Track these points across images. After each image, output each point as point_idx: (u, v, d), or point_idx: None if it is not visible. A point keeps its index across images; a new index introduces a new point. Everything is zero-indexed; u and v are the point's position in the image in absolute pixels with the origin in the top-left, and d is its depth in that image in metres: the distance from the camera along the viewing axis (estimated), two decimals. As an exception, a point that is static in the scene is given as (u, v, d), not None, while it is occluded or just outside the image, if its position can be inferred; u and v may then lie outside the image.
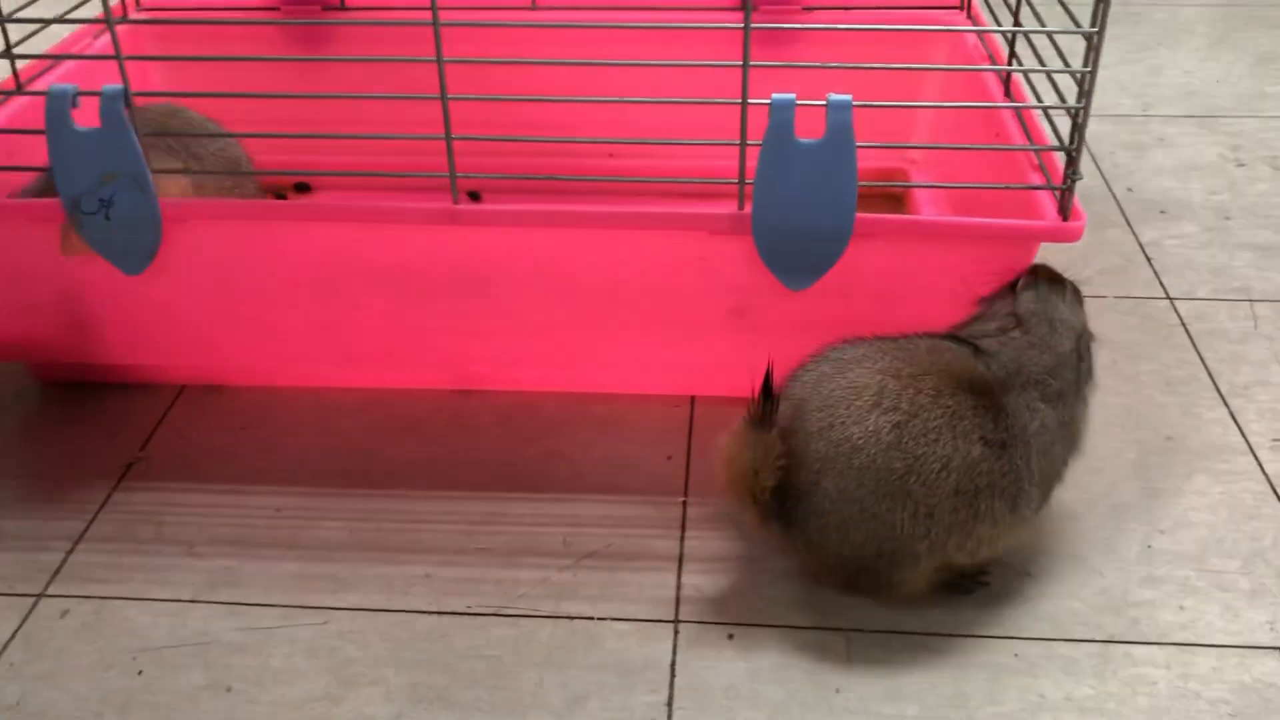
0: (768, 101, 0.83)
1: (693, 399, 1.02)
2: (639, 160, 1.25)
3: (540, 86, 1.14)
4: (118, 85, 0.86)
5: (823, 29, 1.18)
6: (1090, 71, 0.81)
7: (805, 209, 0.86)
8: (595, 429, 0.99)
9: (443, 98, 0.86)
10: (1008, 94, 1.07)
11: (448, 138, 0.87)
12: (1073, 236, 0.86)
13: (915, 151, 1.27)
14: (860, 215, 0.86)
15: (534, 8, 1.29)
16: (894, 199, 1.29)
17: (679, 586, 0.84)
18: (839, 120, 0.83)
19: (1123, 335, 1.10)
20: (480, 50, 1.19)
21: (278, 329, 0.98)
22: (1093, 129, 1.47)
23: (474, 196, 1.32)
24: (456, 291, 0.95)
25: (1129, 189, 1.34)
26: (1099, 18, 0.79)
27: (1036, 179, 0.92)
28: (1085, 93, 0.82)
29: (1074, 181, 0.85)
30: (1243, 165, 1.39)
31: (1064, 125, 0.90)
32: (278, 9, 1.31)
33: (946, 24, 1.23)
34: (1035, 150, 0.92)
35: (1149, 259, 1.22)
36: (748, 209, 0.87)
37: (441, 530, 0.89)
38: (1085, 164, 1.39)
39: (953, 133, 1.19)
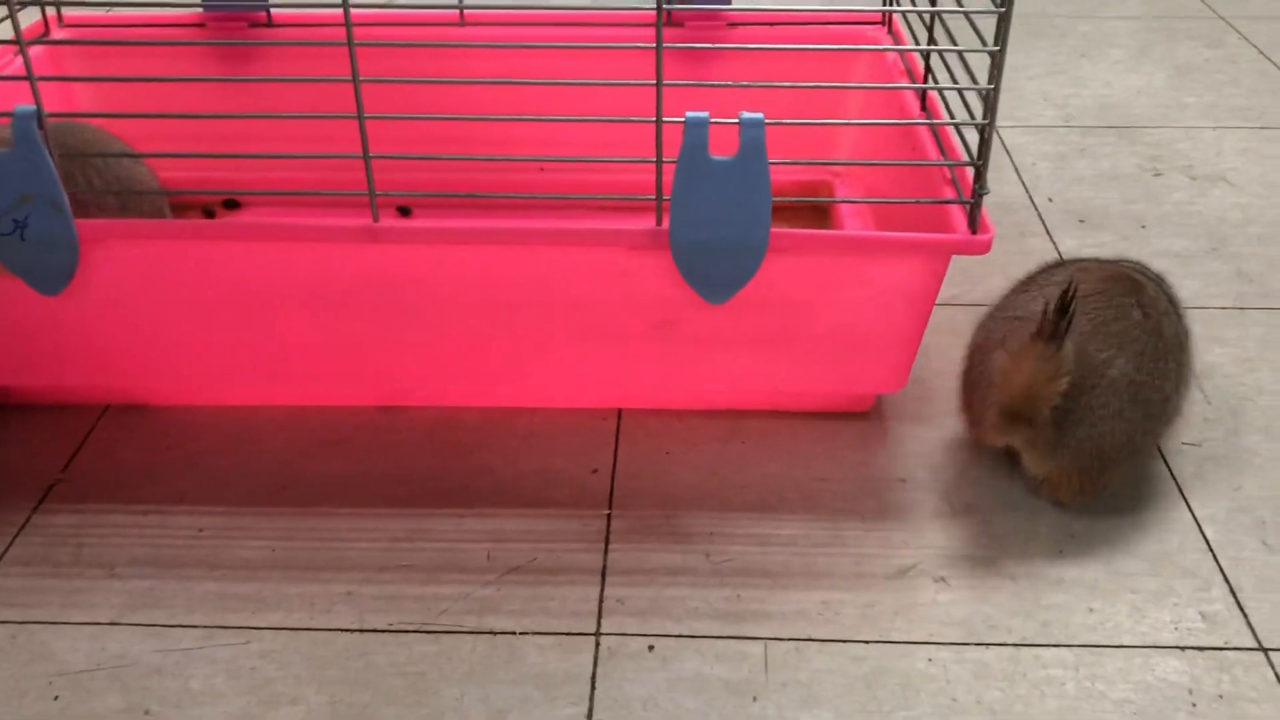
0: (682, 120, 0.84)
1: (619, 411, 1.03)
2: (569, 175, 1.26)
3: (470, 102, 1.15)
4: (30, 106, 0.86)
5: (742, 48, 1.19)
6: (994, 89, 0.83)
7: (721, 224, 0.87)
8: (521, 443, 1.00)
9: (359, 117, 0.86)
10: (924, 109, 1.09)
11: (365, 156, 0.88)
12: (981, 249, 0.88)
13: (846, 151, 1.30)
14: (775, 230, 0.88)
15: (462, 23, 1.30)
16: (820, 210, 1.31)
17: (601, 599, 0.85)
18: (751, 137, 0.84)
19: (1040, 343, 1.12)
20: (412, 64, 1.22)
21: (201, 348, 0.98)
22: (1016, 140, 1.51)
23: (404, 211, 1.32)
24: (380, 308, 0.95)
25: (1049, 199, 1.37)
26: (1000, 37, 0.81)
27: (949, 193, 0.94)
28: (990, 108, 0.84)
29: (981, 195, 0.87)
30: (1159, 175, 1.42)
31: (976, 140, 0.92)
32: (204, 25, 1.30)
33: (868, 40, 1.26)
34: (949, 165, 0.94)
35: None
36: (666, 224, 0.88)
37: (364, 548, 0.89)
38: (1008, 174, 1.42)
39: (874, 146, 1.21)
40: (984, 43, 0.85)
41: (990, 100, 0.84)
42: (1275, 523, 0.91)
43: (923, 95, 1.11)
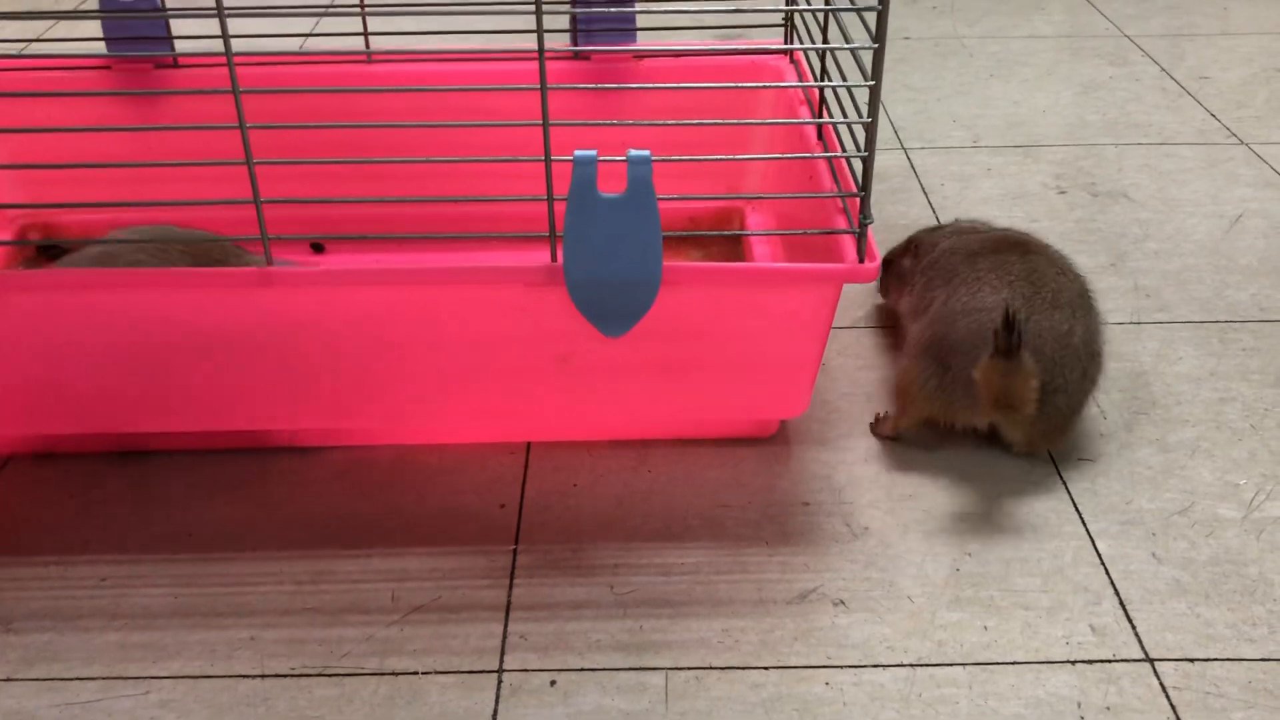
0: (570, 158, 0.86)
1: (528, 445, 1.04)
2: (479, 205, 1.27)
3: (376, 141, 1.16)
4: (-85, 160, 0.85)
5: (642, 87, 1.21)
6: (871, 121, 0.85)
7: (613, 260, 0.88)
8: (430, 480, 1.00)
9: (248, 163, 0.87)
10: (820, 139, 1.11)
11: (256, 202, 0.88)
12: (869, 276, 0.90)
13: (753, 182, 1.32)
14: (668, 264, 0.89)
15: (369, 61, 1.31)
16: (733, 239, 1.33)
17: (505, 635, 0.86)
18: (639, 174, 0.85)
19: (943, 363, 1.15)
20: (323, 100, 1.22)
21: (100, 395, 0.97)
22: (924, 162, 1.54)
23: (317, 247, 1.32)
24: (277, 351, 0.95)
25: (956, 219, 1.40)
26: (875, 70, 0.83)
27: (843, 220, 0.96)
28: (869, 141, 0.86)
29: (866, 224, 0.89)
30: (1063, 193, 1.46)
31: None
32: (110, 67, 1.30)
33: (771, 70, 1.28)
34: (834, 196, 0.96)
35: (972, 287, 1.27)
36: (561, 260, 0.89)
37: (267, 592, 0.89)
38: (916, 197, 1.45)
39: (778, 175, 1.23)
40: (864, 76, 0.88)
41: (869, 132, 0.86)
42: (1165, 535, 0.94)
43: (818, 126, 1.13)
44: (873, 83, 0.84)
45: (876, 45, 0.82)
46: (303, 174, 0.97)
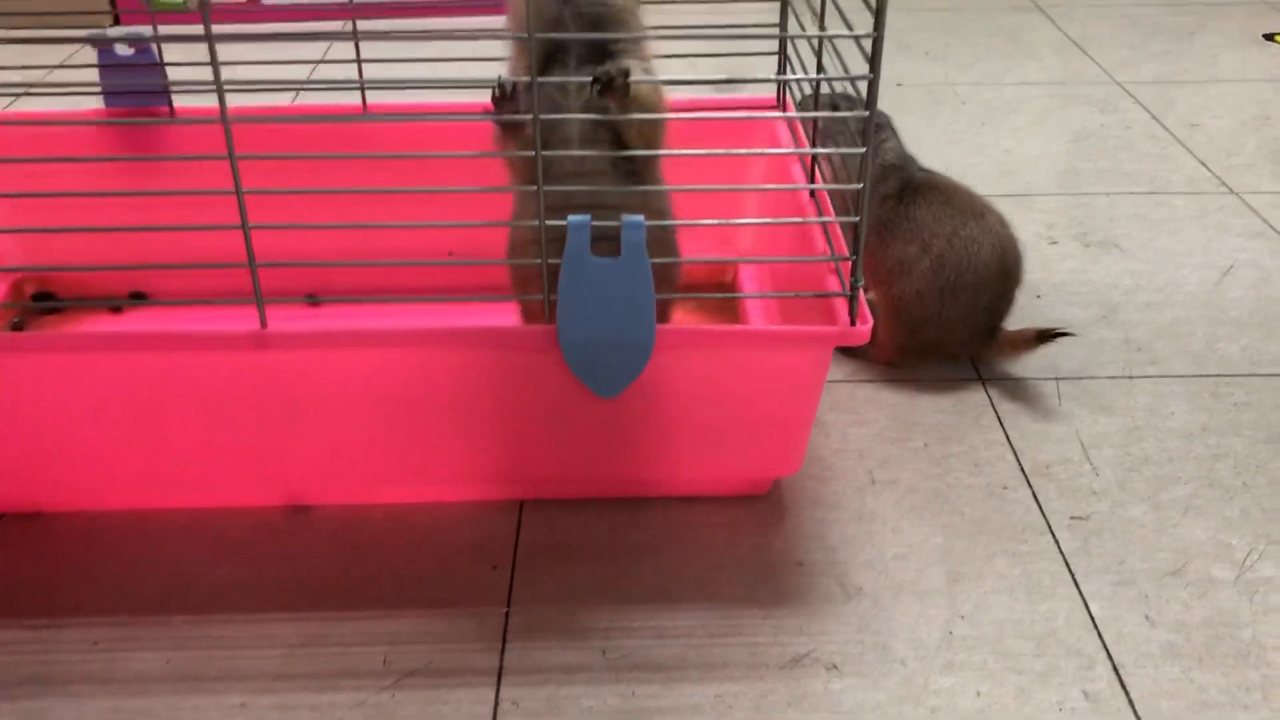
0: (564, 223, 0.86)
1: (521, 504, 1.04)
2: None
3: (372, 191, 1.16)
4: (-89, 226, 0.86)
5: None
6: (862, 187, 0.86)
7: (607, 324, 0.89)
8: (422, 541, 1.00)
9: (244, 227, 0.87)
10: (813, 197, 1.12)
11: (252, 265, 0.88)
12: (860, 339, 0.90)
13: (744, 236, 1.33)
14: (661, 327, 0.89)
15: (365, 116, 1.31)
16: (726, 288, 1.34)
17: (497, 702, 0.85)
18: (632, 240, 0.86)
19: (935, 419, 1.15)
20: (318, 149, 1.22)
21: (94, 455, 0.98)
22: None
23: (313, 300, 1.33)
24: (273, 410, 0.95)
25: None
26: (867, 138, 0.84)
27: (835, 281, 0.96)
28: (860, 206, 0.87)
29: (857, 288, 0.89)
30: (1055, 243, 1.47)
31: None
32: (107, 120, 1.31)
33: (766, 125, 1.29)
34: (826, 260, 0.97)
35: (964, 340, 1.28)
36: (555, 323, 0.89)
37: (260, 656, 0.89)
38: (908, 247, 1.45)
39: (770, 236, 1.23)
40: (855, 143, 0.88)
41: (859, 199, 0.86)
42: (1158, 596, 0.94)
43: (810, 175, 1.14)
44: (864, 149, 0.84)
45: (868, 113, 0.83)
46: (299, 222, 0.97)
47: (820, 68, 1.01)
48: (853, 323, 0.90)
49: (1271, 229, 1.49)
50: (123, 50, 1.29)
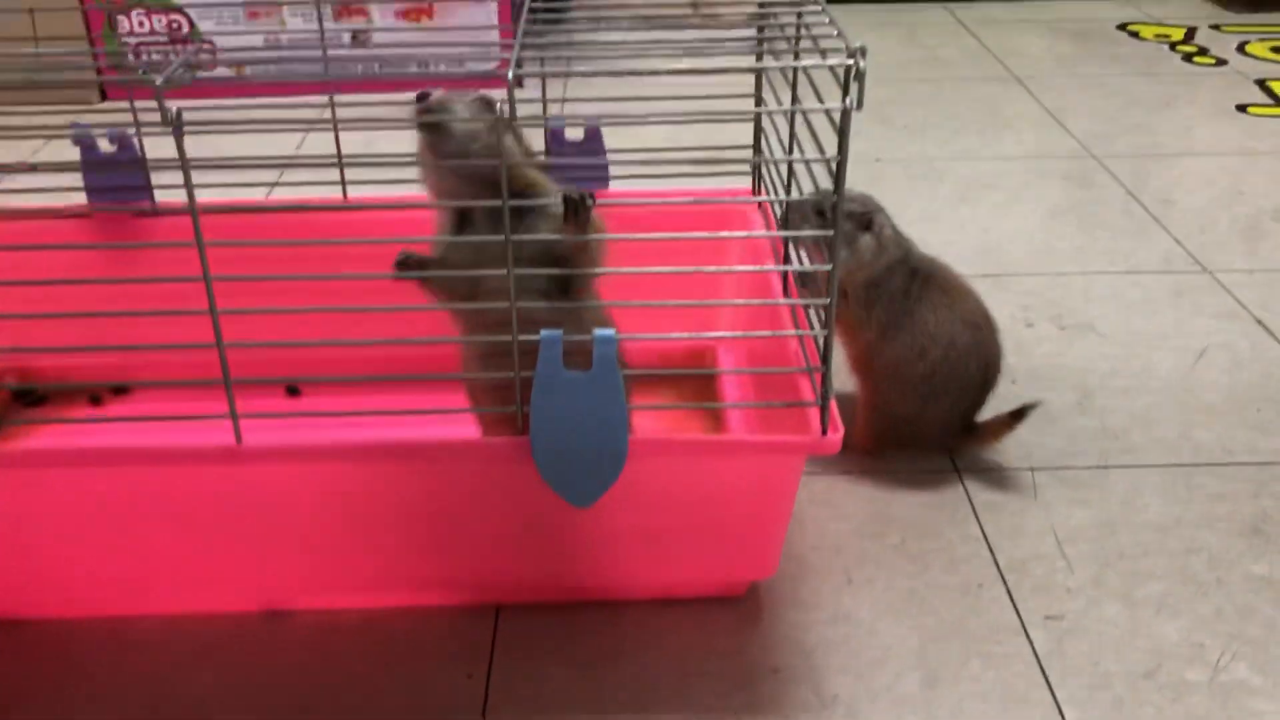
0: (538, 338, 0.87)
1: (497, 609, 1.04)
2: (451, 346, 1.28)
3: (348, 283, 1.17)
4: (-112, 347, 0.86)
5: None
6: (829, 303, 0.87)
7: (580, 435, 0.89)
8: (399, 647, 1.00)
9: (212, 312, 0.87)
10: (786, 292, 1.13)
11: (227, 383, 0.89)
12: (831, 449, 0.91)
13: (722, 324, 1.34)
14: (634, 439, 0.90)
15: (345, 205, 1.33)
16: (705, 379, 1.35)
17: (470, 819, 0.85)
18: (604, 354, 0.87)
19: (912, 513, 1.16)
20: (295, 247, 1.23)
21: (70, 563, 0.98)
22: (895, 292, 1.56)
23: (292, 390, 1.33)
24: (249, 518, 0.96)
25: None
26: (832, 257, 0.85)
27: (806, 383, 0.97)
28: (828, 319, 0.88)
29: (828, 397, 0.90)
30: (1031, 325, 1.48)
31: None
32: (89, 216, 1.32)
33: (740, 214, 1.30)
34: (795, 371, 0.98)
35: (941, 429, 1.28)
36: (528, 437, 0.90)
37: (233, 774, 0.89)
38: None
39: (749, 320, 1.25)
40: (825, 259, 0.89)
41: (828, 312, 0.88)
42: (1132, 700, 0.94)
43: (784, 277, 1.16)
44: (830, 266, 0.86)
45: (832, 232, 0.84)
46: (276, 316, 0.98)
47: (791, 179, 1.03)
48: (824, 432, 0.91)
49: (1244, 309, 1.50)
50: (105, 145, 1.30)
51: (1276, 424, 1.28)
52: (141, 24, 2.19)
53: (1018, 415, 1.19)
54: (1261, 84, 2.29)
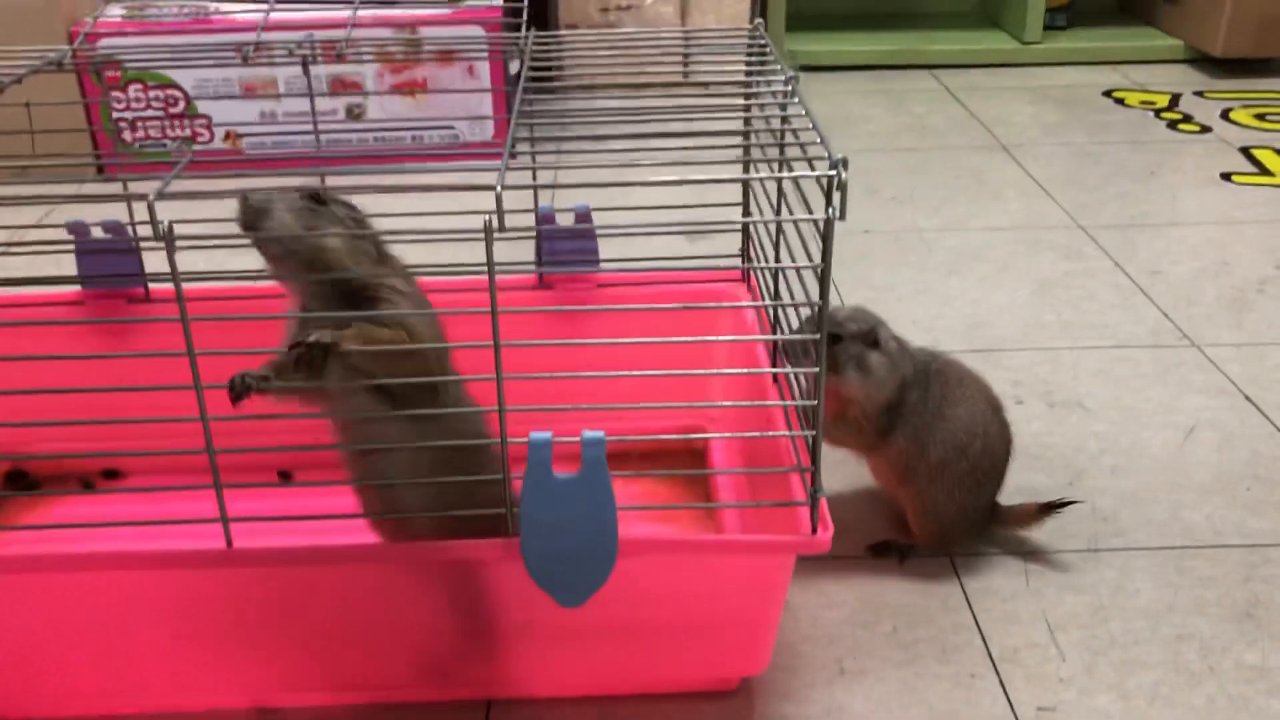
0: (525, 440, 0.87)
1: (488, 704, 1.04)
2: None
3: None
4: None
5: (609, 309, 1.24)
6: (816, 405, 0.88)
7: (569, 536, 0.89)
8: (389, 744, 1.00)
9: (203, 419, 0.88)
10: (776, 381, 1.14)
11: (217, 488, 0.89)
12: (822, 548, 0.91)
13: (713, 409, 1.34)
14: (624, 538, 0.90)
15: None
16: (695, 453, 1.35)
17: None
18: (593, 456, 0.87)
19: (904, 599, 1.16)
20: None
21: (60, 663, 0.97)
22: (885, 369, 1.56)
23: (284, 476, 1.33)
24: (239, 617, 0.96)
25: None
26: (819, 359, 0.85)
27: (796, 483, 0.97)
28: (815, 424, 0.88)
29: (818, 496, 0.91)
30: (1021, 403, 1.49)
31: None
32: (83, 302, 1.33)
33: (729, 296, 1.31)
34: (785, 471, 0.98)
35: (932, 511, 1.29)
36: (518, 536, 0.90)
37: None
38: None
39: (740, 396, 1.25)
40: (820, 370, 0.90)
41: (815, 414, 0.88)
42: (1126, 797, 0.94)
43: (772, 357, 1.17)
44: (817, 369, 0.87)
45: (818, 336, 0.85)
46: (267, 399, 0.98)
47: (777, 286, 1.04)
48: (814, 530, 0.91)
49: (1232, 385, 1.51)
50: (99, 232, 1.32)
51: (1266, 504, 1.29)
52: (138, 99, 2.21)
53: (1049, 509, 1.19)
54: (1245, 152, 2.32)
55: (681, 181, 0.85)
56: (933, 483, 1.17)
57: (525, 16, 1.18)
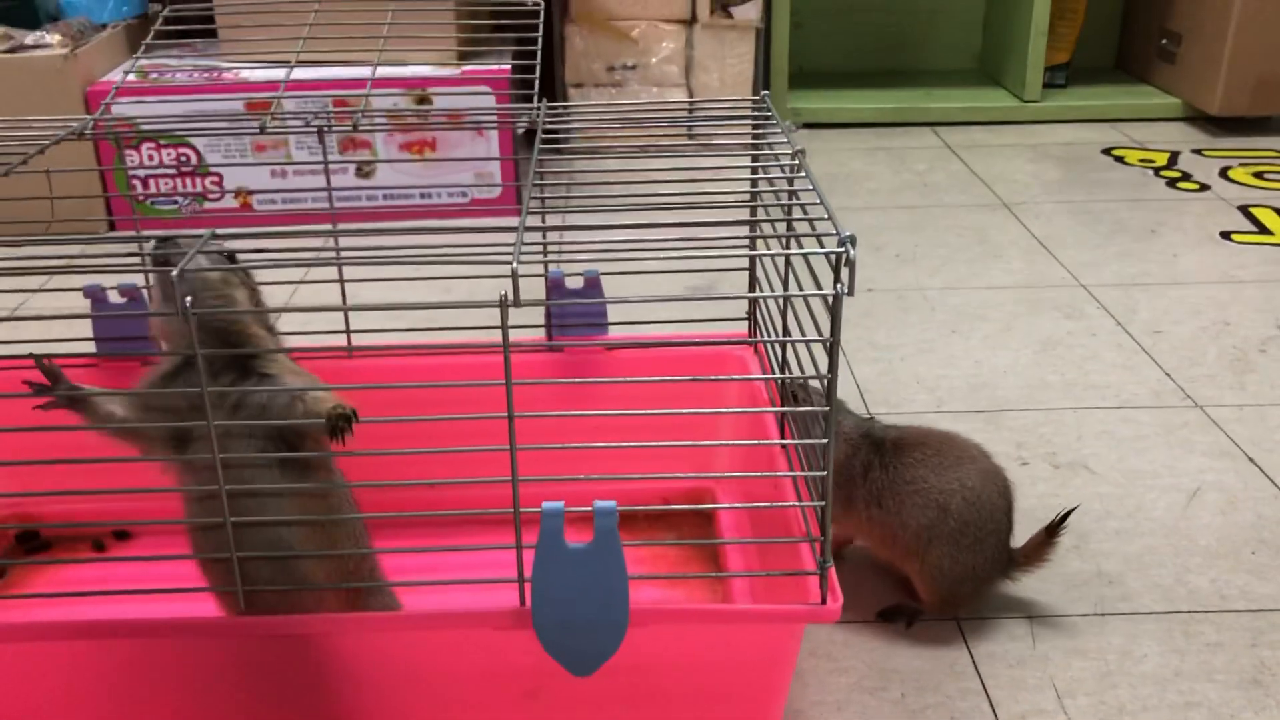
0: (538, 510, 0.89)
1: (497, 770, 1.04)
2: (459, 490, 1.29)
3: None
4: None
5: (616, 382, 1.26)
6: (825, 475, 0.89)
7: (581, 605, 0.90)
8: (398, 812, 1.00)
9: (221, 488, 0.89)
10: (785, 449, 1.15)
11: (233, 556, 0.90)
12: (831, 617, 0.92)
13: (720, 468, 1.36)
14: (635, 607, 0.91)
15: (350, 354, 1.35)
16: (704, 516, 1.36)
17: None
18: (604, 526, 0.88)
19: (912, 664, 1.16)
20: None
21: (72, 732, 0.98)
22: (891, 430, 1.58)
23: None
24: (254, 689, 0.96)
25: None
26: (827, 431, 0.87)
27: (805, 551, 0.98)
28: (825, 491, 0.89)
29: (826, 566, 0.92)
30: (1026, 464, 1.50)
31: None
32: (97, 365, 1.34)
33: (736, 359, 1.33)
34: (793, 541, 0.99)
35: (938, 574, 1.29)
36: (529, 604, 0.91)
37: None
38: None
39: (747, 459, 1.26)
40: (824, 437, 0.91)
41: (824, 485, 0.89)
42: None
43: (780, 421, 1.18)
44: (825, 440, 0.88)
45: (827, 418, 0.86)
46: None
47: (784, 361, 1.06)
48: (823, 600, 0.92)
49: (1236, 446, 1.52)
50: (115, 297, 1.34)
51: (1271, 568, 1.29)
52: (151, 157, 2.25)
53: (1054, 530, 1.21)
54: (1244, 210, 2.35)
55: (691, 255, 0.87)
56: (928, 549, 1.17)
57: (537, 89, 1.21)
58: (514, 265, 0.81)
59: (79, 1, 2.37)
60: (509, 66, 2.29)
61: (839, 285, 0.82)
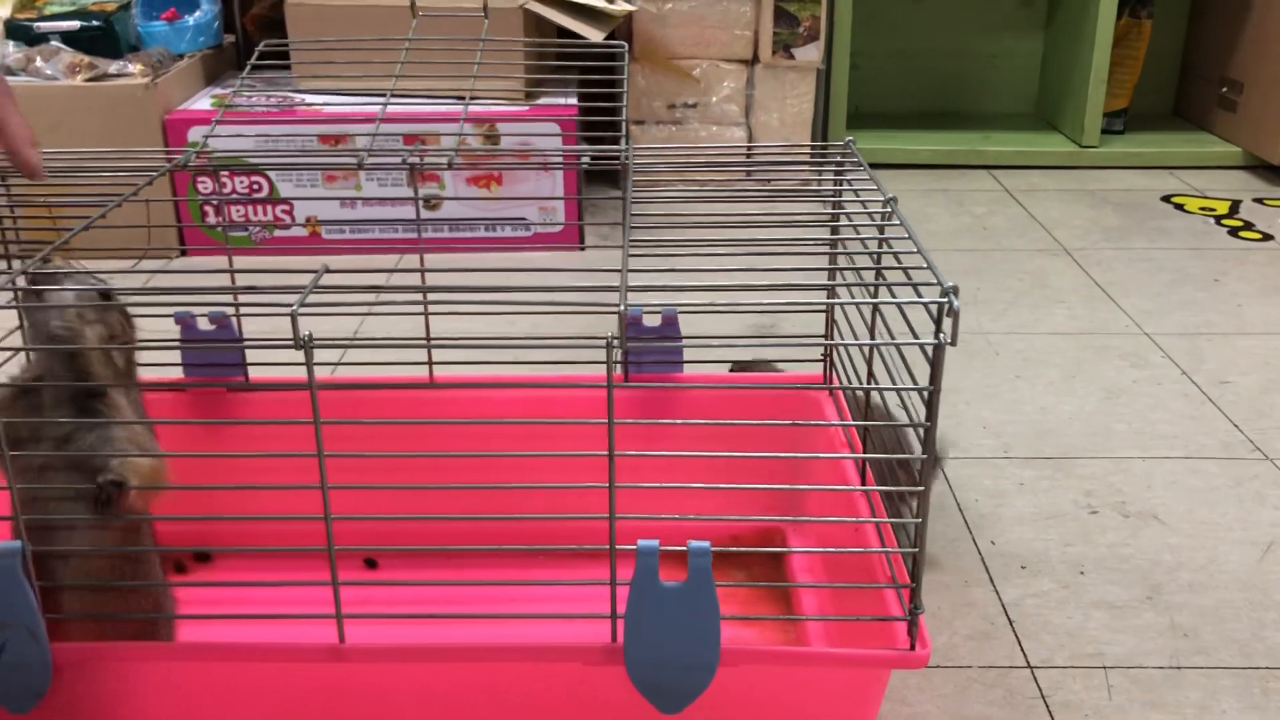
0: (634, 548, 0.90)
1: (577, 804, 1.05)
2: (537, 523, 1.31)
3: (437, 462, 1.20)
4: (15, 543, 0.90)
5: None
6: (921, 520, 0.90)
7: (673, 644, 0.92)
8: (480, 843, 1.01)
9: (323, 486, 0.91)
10: (865, 494, 1.16)
11: (334, 583, 0.92)
12: (919, 664, 0.93)
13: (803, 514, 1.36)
14: (726, 646, 0.92)
15: (431, 385, 1.38)
16: (774, 558, 1.37)
17: None
18: (699, 565, 0.90)
19: (988, 712, 1.16)
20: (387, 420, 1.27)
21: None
22: (957, 473, 1.58)
23: (370, 563, 1.36)
24: (348, 711, 0.98)
25: (992, 542, 1.43)
26: (923, 478, 0.88)
27: (892, 599, 0.99)
28: (920, 537, 0.90)
29: (917, 613, 0.92)
30: (1095, 512, 1.49)
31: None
32: (183, 389, 1.38)
33: (813, 403, 1.34)
34: (883, 586, 1.00)
35: (1011, 621, 1.29)
36: (620, 641, 0.92)
37: None
38: (952, 516, 1.49)
39: (821, 504, 1.27)
40: (915, 483, 0.92)
41: (920, 530, 0.90)
42: None
43: (861, 470, 1.19)
44: (922, 488, 0.89)
45: (925, 457, 0.87)
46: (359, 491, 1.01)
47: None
48: (912, 647, 0.93)
49: (1308, 501, 1.51)
50: (204, 324, 1.37)
51: (1348, 625, 1.28)
52: (224, 185, 2.29)
53: None
54: (1308, 261, 2.34)
55: (779, 309, 0.88)
56: None
57: (625, 130, 1.23)
58: (622, 308, 0.83)
59: (158, 33, 2.44)
60: (575, 104, 2.32)
61: (941, 335, 0.84)
